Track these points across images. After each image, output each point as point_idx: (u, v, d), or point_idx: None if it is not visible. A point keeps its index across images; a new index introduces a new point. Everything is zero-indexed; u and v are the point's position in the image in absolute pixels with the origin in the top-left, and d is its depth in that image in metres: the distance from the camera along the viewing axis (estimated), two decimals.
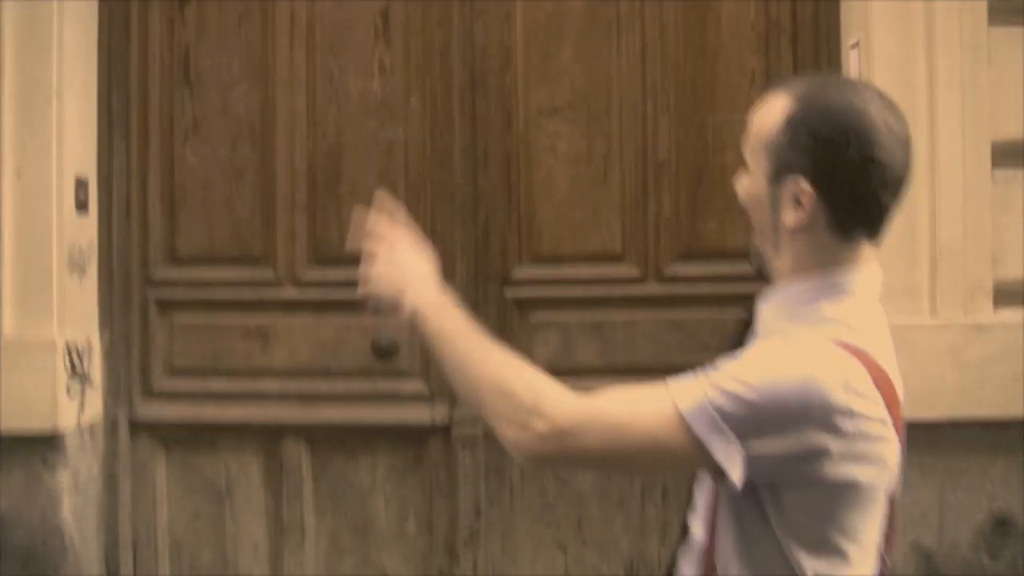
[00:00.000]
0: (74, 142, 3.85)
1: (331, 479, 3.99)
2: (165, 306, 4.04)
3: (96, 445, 3.95)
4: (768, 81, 3.88)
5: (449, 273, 3.93)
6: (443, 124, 3.97)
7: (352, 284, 3.83)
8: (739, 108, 3.98)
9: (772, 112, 1.78)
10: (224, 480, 4.02)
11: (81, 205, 3.88)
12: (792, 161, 1.73)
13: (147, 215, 4.04)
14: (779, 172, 1.75)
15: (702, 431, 1.62)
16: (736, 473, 1.63)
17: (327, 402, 3.96)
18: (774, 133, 1.76)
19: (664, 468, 1.93)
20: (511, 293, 3.97)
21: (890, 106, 1.77)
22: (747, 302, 3.95)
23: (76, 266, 3.85)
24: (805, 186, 1.72)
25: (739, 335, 1.87)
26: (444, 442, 3.91)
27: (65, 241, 3.81)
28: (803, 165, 1.72)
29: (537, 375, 1.75)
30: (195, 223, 4.03)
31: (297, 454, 3.98)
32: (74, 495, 3.81)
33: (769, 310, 1.81)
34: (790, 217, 1.74)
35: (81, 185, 3.88)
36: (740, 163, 3.83)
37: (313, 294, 3.98)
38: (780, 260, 1.80)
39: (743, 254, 3.93)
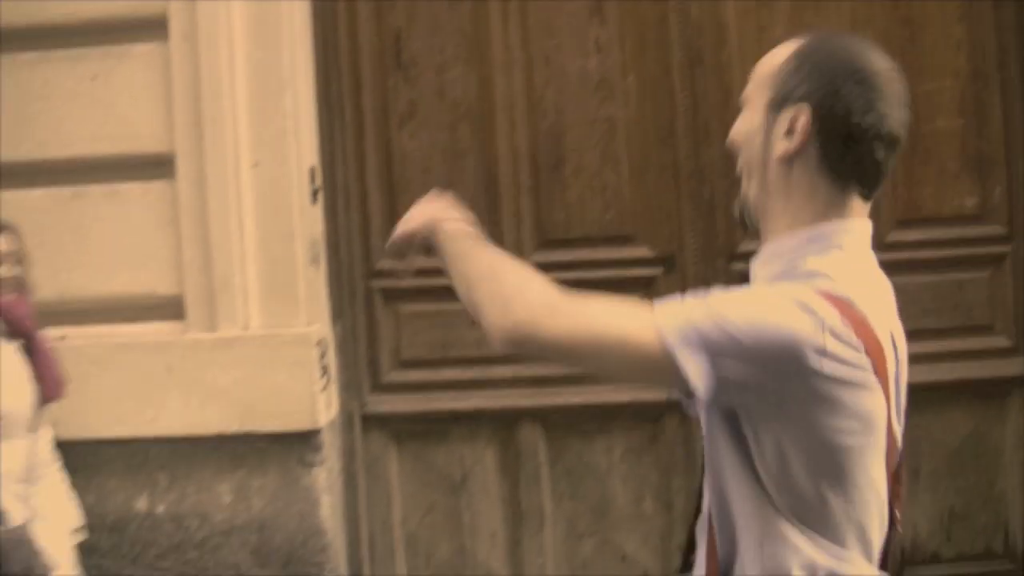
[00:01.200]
0: (304, 132, 3.83)
1: (567, 462, 4.01)
2: (390, 296, 4.03)
3: (337, 441, 3.94)
4: (973, 49, 3.99)
5: (677, 249, 4.07)
6: (663, 101, 3.99)
7: (580, 265, 4.00)
8: (947, 75, 4.08)
9: (781, 51, 1.77)
10: (459, 471, 4.03)
11: (314, 196, 3.86)
12: (793, 88, 1.71)
13: (367, 203, 4.01)
14: (779, 101, 1.72)
15: (673, 339, 1.60)
16: (700, 383, 1.59)
17: (561, 385, 3.96)
18: (779, 65, 1.74)
19: (635, 375, 1.75)
20: (739, 267, 4.01)
21: (896, 70, 1.75)
22: (964, 265, 4.06)
23: (313, 258, 3.84)
24: (802, 113, 1.69)
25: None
26: (680, 419, 3.92)
27: (305, 233, 3.80)
28: (803, 92, 1.70)
29: (533, 272, 1.74)
30: None
31: (533, 439, 4.00)
32: (329, 494, 3.80)
33: (760, 267, 1.77)
34: (781, 145, 1.71)
35: (313, 175, 3.87)
36: (950, 130, 3.97)
37: None
38: (767, 201, 1.75)
39: (959, 219, 4.09)
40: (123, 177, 3.80)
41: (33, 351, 3.27)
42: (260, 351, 3.72)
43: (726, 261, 3.99)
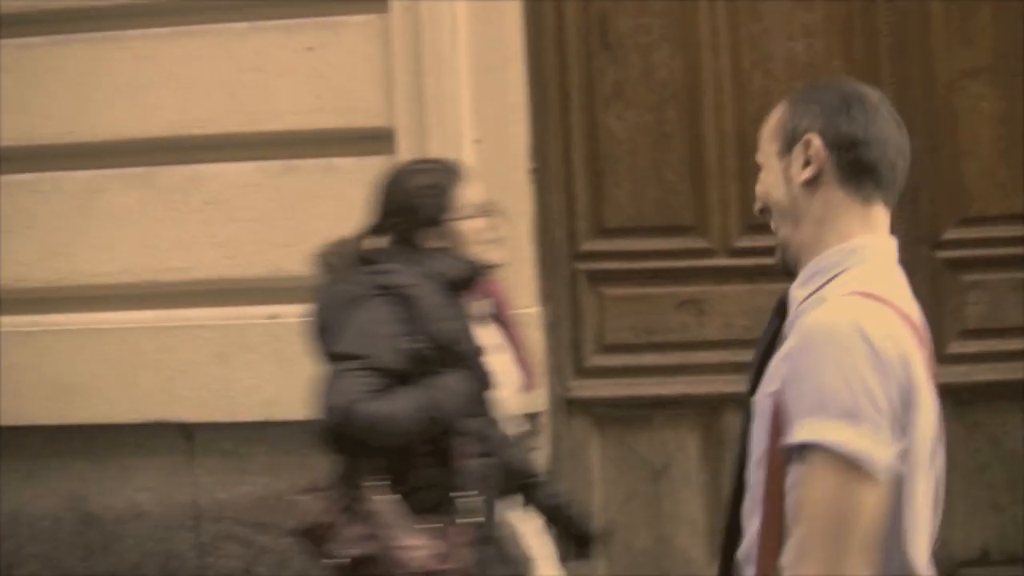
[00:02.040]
0: (520, 110, 3.79)
1: None
2: (594, 279, 4.00)
3: (544, 426, 3.88)
4: None
5: None
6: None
7: None
8: None
9: (775, 111, 1.89)
10: (661, 457, 3.99)
11: (531, 175, 3.83)
12: (795, 128, 1.82)
13: (572, 184, 3.98)
14: (787, 144, 1.83)
15: (853, 447, 1.60)
16: (890, 454, 1.63)
17: None
18: (777, 118, 1.86)
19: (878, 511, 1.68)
20: (942, 254, 4.01)
21: (884, 97, 1.89)
22: None
23: (529, 237, 3.80)
24: (813, 140, 1.79)
25: (775, 321, 1.92)
26: None
27: (526, 212, 3.76)
28: (806, 125, 1.81)
29: None
30: (621, 192, 3.99)
31: (736, 426, 3.96)
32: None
33: (799, 289, 1.85)
34: (801, 176, 1.80)
35: (528, 154, 3.83)
36: None
37: (747, 262, 3.97)
38: (802, 234, 1.83)
39: None
40: (339, 152, 3.74)
41: (511, 339, 3.14)
42: None
43: (929, 248, 3.98)
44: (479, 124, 3.72)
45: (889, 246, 1.85)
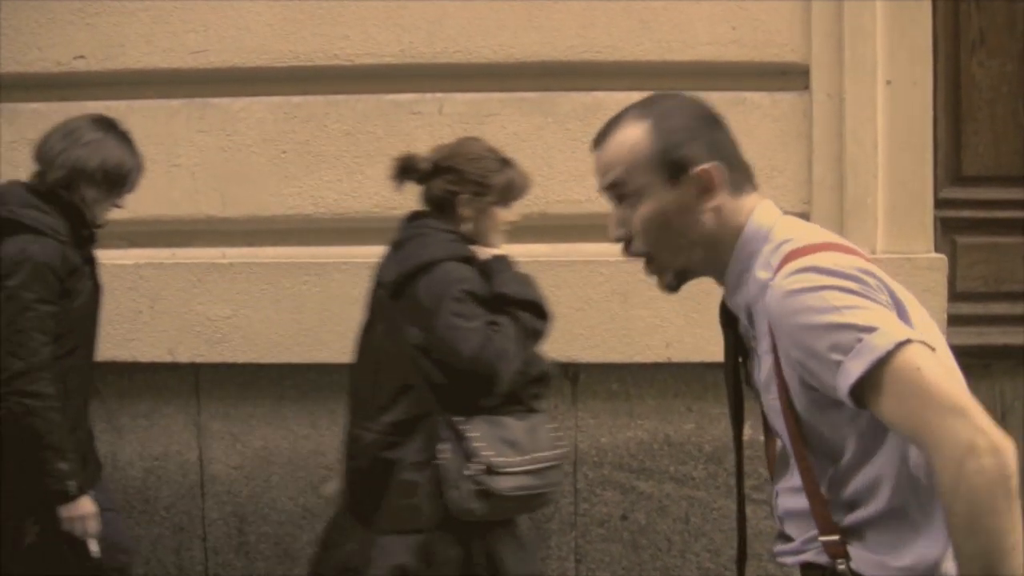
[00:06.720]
0: (927, 53, 3.81)
1: None
2: (948, 226, 4.07)
3: None
4: None
5: None
6: None
7: None
8: None
9: (629, 137, 1.91)
10: (998, 406, 4.11)
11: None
12: (683, 156, 1.87)
13: (936, 129, 4.01)
14: (673, 173, 1.88)
15: (895, 338, 1.69)
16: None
17: None
18: (644, 145, 1.89)
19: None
20: None
21: None
22: None
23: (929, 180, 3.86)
24: (708, 170, 1.87)
25: (728, 332, 2.02)
26: None
27: (926, 154, 3.79)
28: (694, 154, 1.87)
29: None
30: (980, 140, 4.08)
31: None
32: None
33: (736, 297, 1.93)
34: (709, 202, 1.88)
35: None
36: None
37: None
38: (717, 252, 1.92)
39: None
40: (750, 85, 3.70)
41: None
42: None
43: None
44: (890, 65, 3.73)
45: (771, 209, 1.91)
